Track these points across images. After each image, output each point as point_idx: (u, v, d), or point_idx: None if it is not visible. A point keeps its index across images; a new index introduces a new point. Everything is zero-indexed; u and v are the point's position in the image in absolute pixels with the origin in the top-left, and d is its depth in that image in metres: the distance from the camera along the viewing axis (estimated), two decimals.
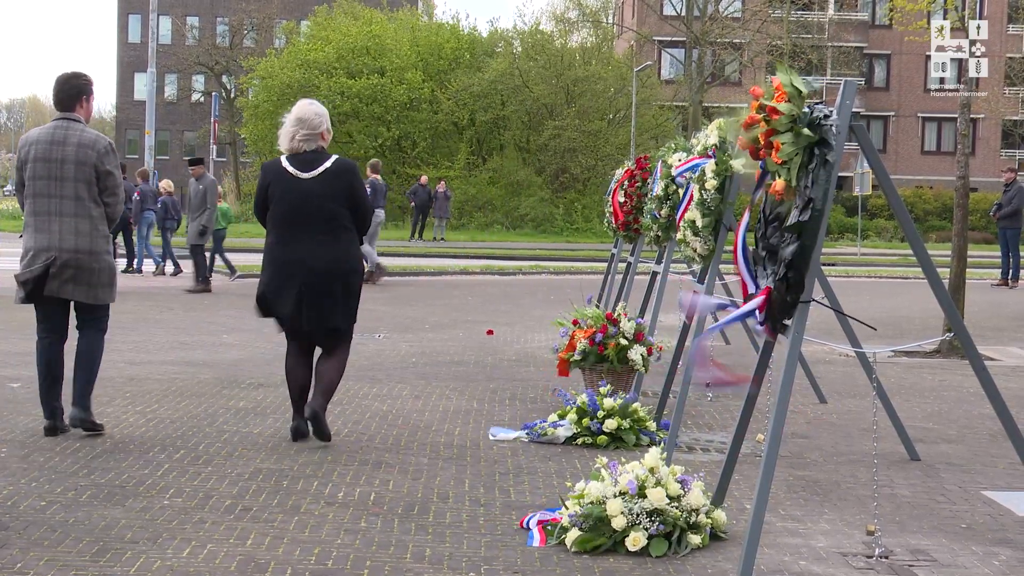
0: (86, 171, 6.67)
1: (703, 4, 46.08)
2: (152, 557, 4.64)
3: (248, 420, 7.44)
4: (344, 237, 6.72)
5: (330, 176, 6.71)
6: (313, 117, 6.77)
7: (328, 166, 6.73)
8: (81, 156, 6.66)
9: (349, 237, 6.75)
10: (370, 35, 46.88)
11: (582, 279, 18.07)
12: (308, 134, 6.77)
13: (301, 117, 6.78)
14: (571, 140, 43.72)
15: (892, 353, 11.45)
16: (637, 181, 10.29)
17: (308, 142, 6.77)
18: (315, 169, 6.71)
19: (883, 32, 53.92)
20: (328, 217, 6.66)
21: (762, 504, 4.49)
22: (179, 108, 66.38)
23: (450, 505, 5.56)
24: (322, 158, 6.76)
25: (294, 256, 6.66)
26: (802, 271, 4.56)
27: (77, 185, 6.66)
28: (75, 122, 6.76)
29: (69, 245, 6.64)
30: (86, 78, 6.91)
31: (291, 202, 6.68)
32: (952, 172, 17.40)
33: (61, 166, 6.66)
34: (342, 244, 6.71)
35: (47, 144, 6.65)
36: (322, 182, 6.68)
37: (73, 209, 6.66)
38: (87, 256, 6.69)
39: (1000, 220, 21.25)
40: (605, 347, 8.08)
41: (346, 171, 6.79)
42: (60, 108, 6.84)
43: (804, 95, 4.62)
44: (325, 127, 6.81)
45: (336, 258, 6.68)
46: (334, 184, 6.70)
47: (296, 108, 6.88)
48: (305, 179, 6.69)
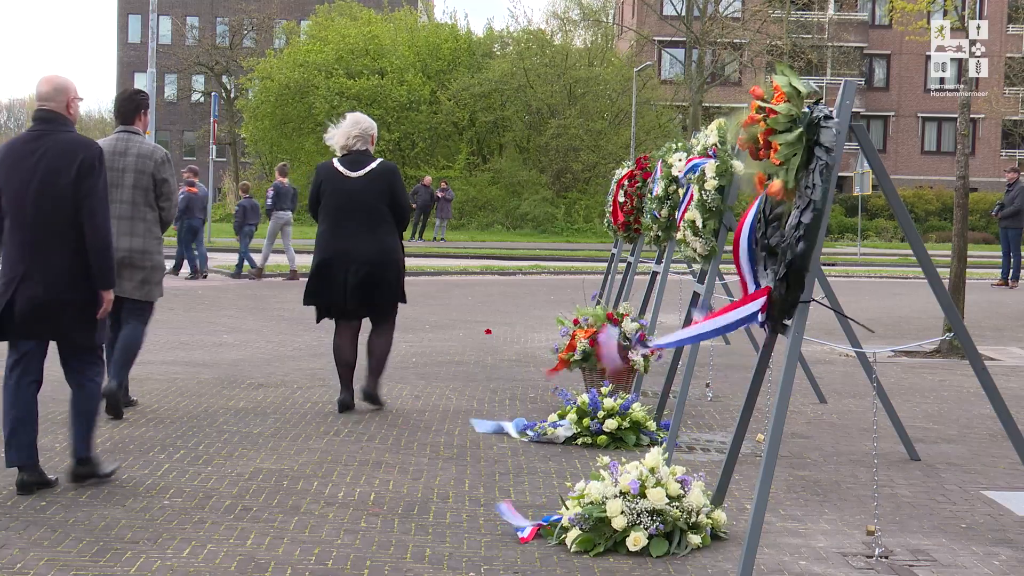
0: (144, 179, 7.36)
1: (703, 4, 46.06)
2: (152, 557, 4.64)
3: (248, 420, 7.44)
4: (384, 228, 7.69)
5: (374, 176, 7.67)
6: (365, 121, 7.86)
7: (373, 167, 7.70)
8: (140, 165, 7.36)
9: (389, 228, 7.72)
10: (369, 35, 46.88)
11: (584, 279, 18.06)
12: (361, 134, 7.77)
13: (356, 120, 7.86)
14: (574, 139, 43.72)
15: (892, 353, 11.45)
16: (637, 181, 10.28)
17: (360, 141, 7.75)
18: (362, 169, 7.67)
19: (883, 32, 53.92)
20: (371, 211, 7.63)
21: (762, 504, 4.49)
22: (179, 108, 66.40)
23: (450, 505, 5.56)
24: (369, 160, 7.72)
25: (342, 245, 7.61)
26: (802, 271, 4.56)
27: (135, 192, 7.33)
28: (134, 134, 7.44)
29: (124, 245, 7.18)
30: (144, 95, 7.62)
31: (340, 198, 7.65)
32: (952, 172, 17.40)
33: (122, 175, 7.31)
34: (383, 235, 7.67)
35: (109, 154, 7.03)
36: (367, 181, 7.64)
37: (130, 213, 7.31)
38: (139, 255, 7.33)
39: (1002, 220, 21.24)
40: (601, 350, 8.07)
41: (388, 172, 7.75)
42: (121, 121, 7.54)
43: (803, 95, 4.62)
44: (374, 133, 7.85)
45: (377, 247, 7.63)
46: (377, 183, 7.65)
47: (351, 114, 8.01)
48: (353, 178, 7.66)
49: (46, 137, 5.59)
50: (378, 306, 7.79)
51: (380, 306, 7.80)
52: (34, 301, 5.48)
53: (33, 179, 5.51)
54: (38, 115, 5.68)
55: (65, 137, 5.61)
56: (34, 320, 5.52)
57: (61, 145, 5.56)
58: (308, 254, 7.78)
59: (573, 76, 45.12)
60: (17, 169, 5.56)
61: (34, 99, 5.90)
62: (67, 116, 5.69)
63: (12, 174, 5.57)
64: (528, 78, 44.45)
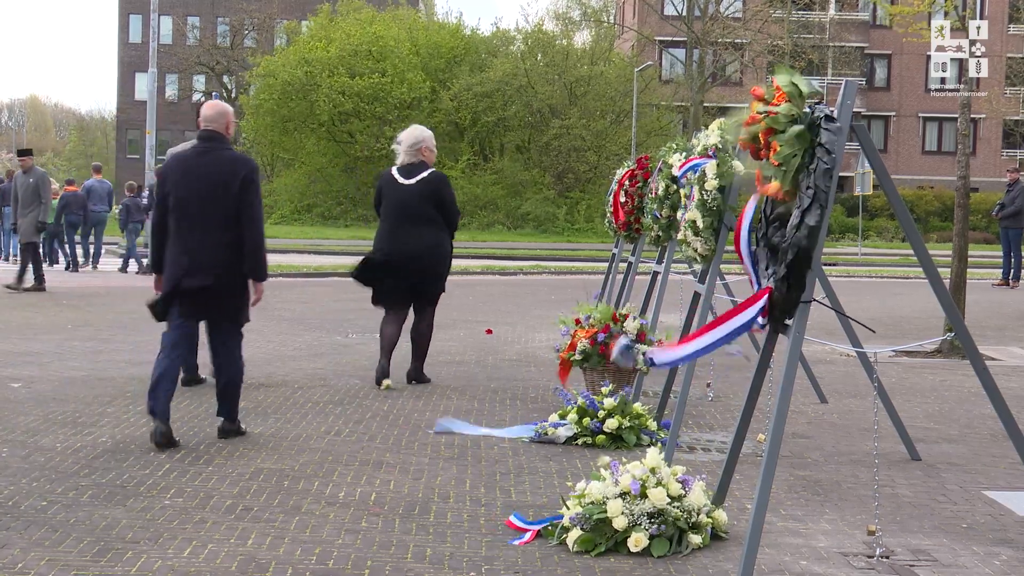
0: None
1: (704, 4, 46.06)
2: (153, 557, 4.64)
3: (248, 420, 7.43)
4: (433, 229, 8.82)
5: (424, 183, 8.81)
6: (413, 139, 8.89)
7: (424, 176, 8.83)
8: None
9: (438, 229, 8.85)
10: (372, 35, 46.86)
11: (585, 279, 18.06)
12: (410, 147, 8.88)
13: (412, 133, 8.97)
14: (577, 139, 43.71)
15: (893, 353, 11.45)
16: (638, 181, 10.28)
17: (411, 156, 8.87)
18: (414, 177, 8.81)
19: (884, 32, 53.92)
20: (421, 214, 8.77)
21: (763, 504, 4.49)
22: (180, 108, 66.35)
23: (451, 505, 5.56)
24: (421, 169, 8.84)
25: (397, 242, 8.78)
26: (803, 271, 4.56)
27: None
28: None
29: None
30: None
31: (395, 201, 8.83)
32: (952, 172, 17.40)
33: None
34: (430, 233, 8.80)
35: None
36: (419, 187, 8.79)
37: None
38: None
39: (1002, 220, 21.24)
40: (606, 347, 8.08)
41: (437, 180, 8.89)
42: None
43: (804, 95, 4.62)
44: (425, 146, 8.87)
45: (426, 244, 8.79)
46: (427, 189, 8.80)
47: (408, 130, 9.05)
48: (407, 184, 8.81)
49: (211, 153, 6.82)
50: (423, 293, 8.91)
51: (425, 293, 8.92)
52: (199, 288, 6.64)
53: (201, 187, 6.70)
54: (203, 134, 6.89)
55: (227, 154, 6.86)
56: (198, 303, 6.69)
57: (224, 160, 6.79)
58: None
59: (574, 75, 45.11)
60: (187, 178, 6.76)
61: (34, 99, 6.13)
62: (226, 136, 6.92)
63: (182, 181, 6.77)
64: (530, 78, 44.44)
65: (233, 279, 6.73)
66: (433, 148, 8.95)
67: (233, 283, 6.74)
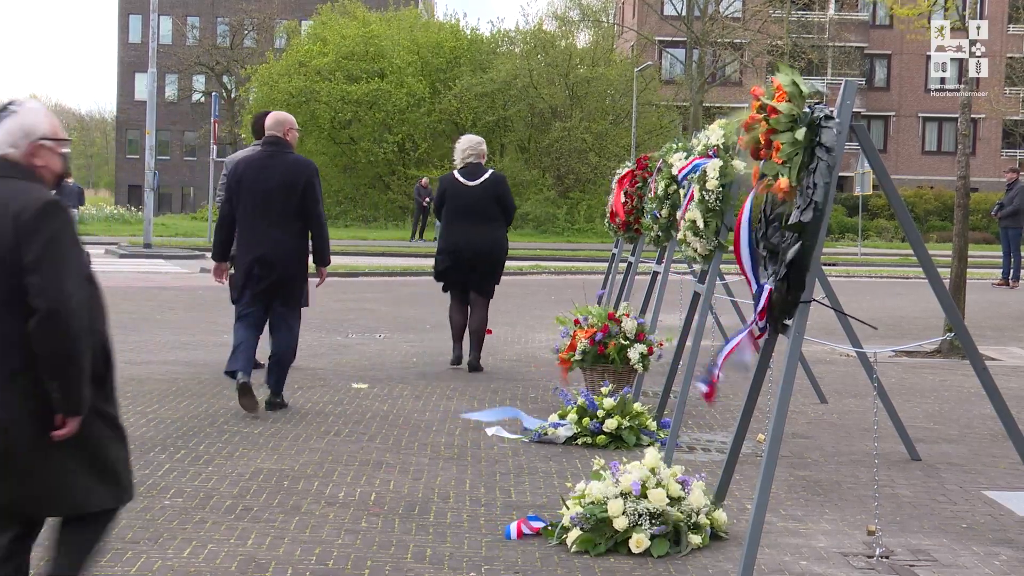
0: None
1: (703, 4, 46.06)
2: (153, 557, 4.64)
3: (248, 420, 7.43)
4: (494, 226, 9.72)
5: (487, 184, 9.69)
6: (476, 140, 9.96)
7: (486, 177, 9.73)
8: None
9: (498, 226, 9.76)
10: (369, 36, 46.77)
11: (585, 279, 18.06)
12: (473, 148, 9.81)
13: (470, 140, 9.96)
14: (578, 141, 43.69)
15: (893, 353, 11.44)
16: (638, 181, 10.28)
17: (474, 156, 9.77)
18: (477, 179, 9.67)
19: (884, 32, 53.91)
20: (483, 212, 9.63)
21: (763, 504, 4.49)
22: (180, 108, 66.41)
23: (451, 505, 5.56)
24: (482, 171, 9.74)
25: (461, 238, 9.63)
26: (803, 270, 4.56)
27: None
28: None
29: None
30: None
31: (459, 202, 9.67)
32: (952, 172, 17.39)
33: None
34: (493, 231, 9.70)
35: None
36: (482, 188, 9.66)
37: None
38: None
39: (1002, 220, 21.23)
40: (606, 347, 8.08)
41: (498, 181, 9.81)
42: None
43: (805, 94, 4.62)
44: (483, 150, 9.88)
45: (488, 240, 9.68)
46: (489, 190, 9.69)
47: (465, 136, 10.15)
48: (470, 185, 9.66)
49: (276, 157, 7.70)
50: (483, 283, 9.78)
51: (484, 284, 9.79)
52: (270, 274, 7.55)
53: (271, 187, 7.58)
54: (268, 139, 7.81)
55: (291, 158, 7.76)
56: (268, 287, 7.59)
57: (289, 164, 7.69)
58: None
59: (576, 76, 45.08)
60: (257, 179, 7.62)
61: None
62: (287, 141, 7.77)
63: (253, 183, 7.62)
64: (532, 78, 44.42)
65: (297, 267, 7.66)
66: (485, 150, 9.95)
67: (297, 271, 7.66)
